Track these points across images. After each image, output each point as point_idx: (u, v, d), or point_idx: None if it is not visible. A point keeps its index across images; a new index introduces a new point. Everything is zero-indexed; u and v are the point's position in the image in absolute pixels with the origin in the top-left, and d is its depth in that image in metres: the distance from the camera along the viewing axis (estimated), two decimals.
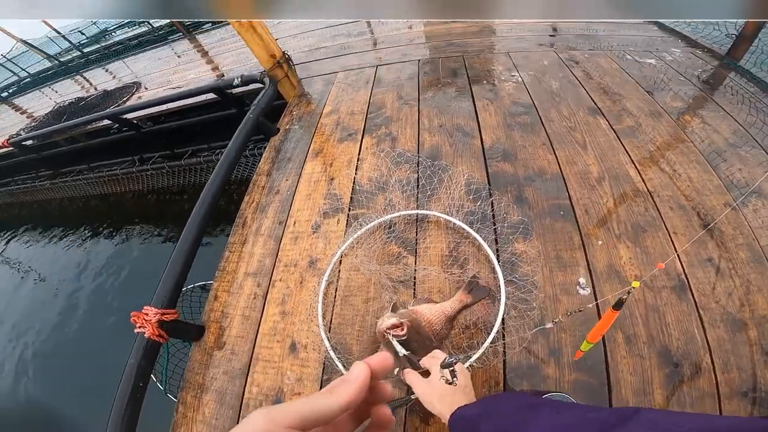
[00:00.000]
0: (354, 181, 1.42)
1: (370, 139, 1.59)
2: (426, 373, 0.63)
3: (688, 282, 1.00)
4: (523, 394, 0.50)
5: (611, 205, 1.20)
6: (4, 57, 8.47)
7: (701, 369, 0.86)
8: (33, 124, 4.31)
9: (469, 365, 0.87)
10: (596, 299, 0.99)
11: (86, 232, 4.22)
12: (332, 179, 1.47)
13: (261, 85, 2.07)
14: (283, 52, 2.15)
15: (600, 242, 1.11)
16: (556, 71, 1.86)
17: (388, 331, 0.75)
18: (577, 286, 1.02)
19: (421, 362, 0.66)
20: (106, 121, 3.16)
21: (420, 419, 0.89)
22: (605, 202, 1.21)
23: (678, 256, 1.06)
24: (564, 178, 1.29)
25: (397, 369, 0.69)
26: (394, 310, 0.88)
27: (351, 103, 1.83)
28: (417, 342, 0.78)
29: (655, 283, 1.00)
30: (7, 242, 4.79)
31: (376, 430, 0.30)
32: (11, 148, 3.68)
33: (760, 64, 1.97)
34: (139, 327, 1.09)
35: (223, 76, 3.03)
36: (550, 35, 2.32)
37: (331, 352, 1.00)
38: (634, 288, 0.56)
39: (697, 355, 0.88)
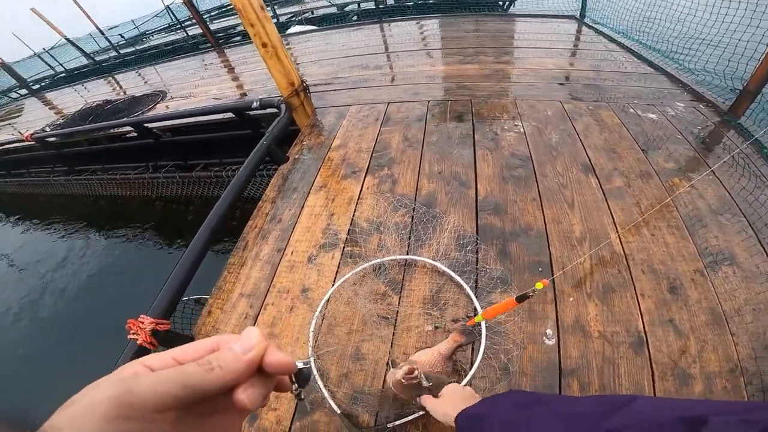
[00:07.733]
0: (352, 221, 1.51)
1: (372, 179, 1.69)
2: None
3: (647, 339, 1.06)
4: (518, 392, 0.57)
5: (587, 265, 1.27)
6: (45, 51, 8.99)
7: None
8: (60, 121, 4.47)
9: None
10: (559, 349, 1.06)
11: (90, 230, 4.33)
12: (332, 215, 1.57)
13: (277, 111, 2.21)
14: (302, 80, 2.28)
15: (571, 299, 1.18)
16: (558, 123, 1.94)
17: (404, 378, 0.86)
18: (544, 337, 1.10)
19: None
20: (128, 127, 3.36)
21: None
22: (582, 262, 1.28)
23: (641, 314, 1.12)
24: (547, 236, 1.36)
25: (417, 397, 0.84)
26: (393, 365, 1.01)
27: (359, 140, 1.94)
28: (432, 379, 0.90)
29: (615, 338, 1.07)
30: (11, 230, 4.86)
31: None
32: (33, 143, 3.81)
33: (760, 122, 1.99)
34: (133, 333, 1.13)
35: (245, 95, 3.20)
36: (560, 83, 2.40)
37: (319, 381, 1.08)
38: (537, 288, 0.74)
39: None
